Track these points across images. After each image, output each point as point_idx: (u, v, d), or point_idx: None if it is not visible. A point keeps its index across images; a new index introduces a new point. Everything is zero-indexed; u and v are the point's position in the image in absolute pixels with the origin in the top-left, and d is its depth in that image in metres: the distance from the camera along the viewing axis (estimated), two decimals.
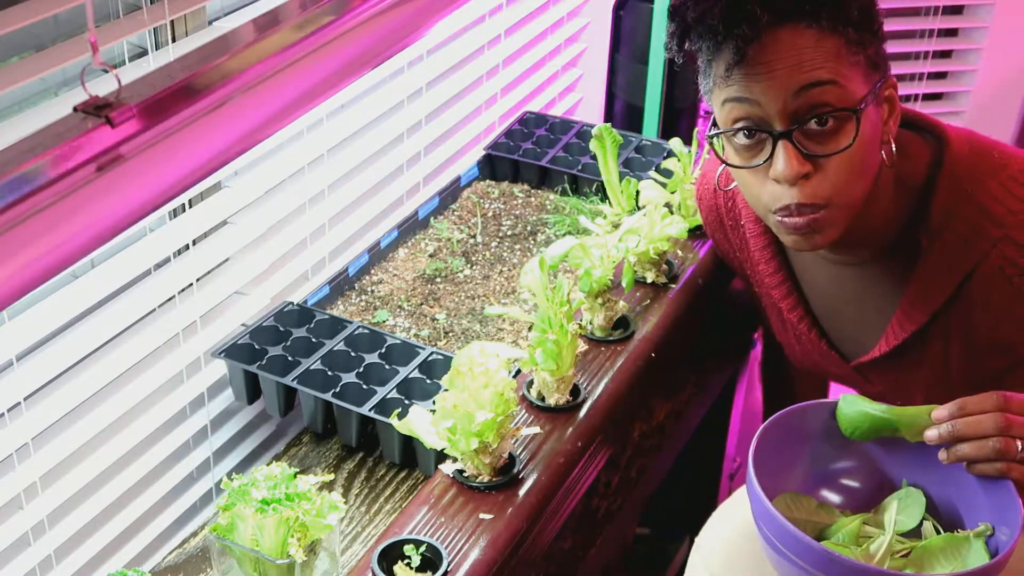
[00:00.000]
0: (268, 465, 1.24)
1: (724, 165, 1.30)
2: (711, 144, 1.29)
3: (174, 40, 1.43)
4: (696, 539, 1.35)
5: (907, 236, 1.34)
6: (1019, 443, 1.12)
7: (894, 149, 1.28)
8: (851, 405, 1.21)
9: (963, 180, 1.29)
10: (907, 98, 2.74)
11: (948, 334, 1.35)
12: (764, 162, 1.23)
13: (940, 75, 2.78)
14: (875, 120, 1.24)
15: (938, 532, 1.18)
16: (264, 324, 1.58)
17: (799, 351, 1.56)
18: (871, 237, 1.35)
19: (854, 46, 1.21)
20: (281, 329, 1.58)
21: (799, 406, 1.23)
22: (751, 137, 1.23)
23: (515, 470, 1.34)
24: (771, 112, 1.21)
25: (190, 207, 1.51)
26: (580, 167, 2.02)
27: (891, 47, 1.28)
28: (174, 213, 1.50)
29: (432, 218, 1.94)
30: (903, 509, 1.20)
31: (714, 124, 1.28)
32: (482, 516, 1.29)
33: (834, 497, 1.25)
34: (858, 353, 1.47)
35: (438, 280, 1.79)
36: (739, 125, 1.23)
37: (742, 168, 1.25)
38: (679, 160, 1.77)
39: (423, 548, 1.24)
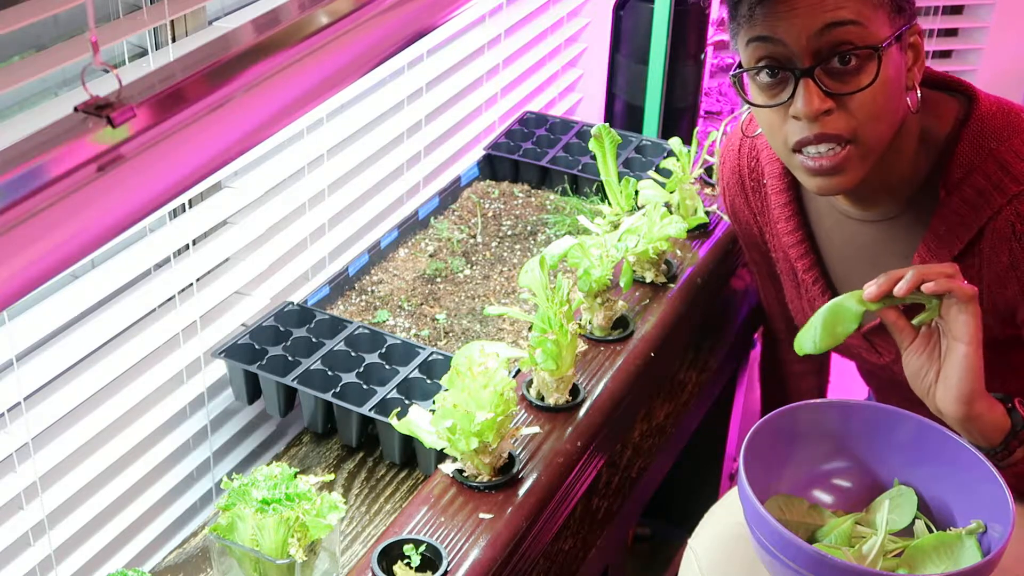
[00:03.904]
0: (268, 465, 1.25)
1: (747, 105, 1.31)
2: (733, 84, 1.31)
3: (174, 40, 1.44)
4: (689, 541, 1.35)
5: (928, 191, 1.34)
6: (966, 283, 1.17)
7: (919, 96, 1.29)
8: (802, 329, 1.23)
9: (988, 137, 1.30)
10: None
11: None
12: (786, 100, 1.24)
13: None
14: (899, 64, 1.25)
15: (930, 530, 1.18)
16: (264, 324, 1.58)
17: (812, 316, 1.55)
18: (893, 189, 1.36)
19: None
20: (281, 329, 1.58)
21: (789, 407, 1.23)
22: (774, 76, 1.25)
23: (515, 470, 1.34)
24: (794, 50, 1.22)
25: (190, 207, 1.51)
26: (580, 167, 2.02)
27: None
28: (174, 213, 1.50)
29: (432, 218, 1.94)
30: (895, 508, 1.20)
31: (739, 65, 1.29)
32: (482, 516, 1.29)
33: (826, 497, 1.25)
34: (869, 319, 1.46)
35: (438, 280, 1.80)
36: (762, 64, 1.25)
37: (764, 107, 1.27)
38: (678, 160, 1.77)
39: (423, 548, 1.24)
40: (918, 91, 1.29)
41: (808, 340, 1.23)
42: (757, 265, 1.66)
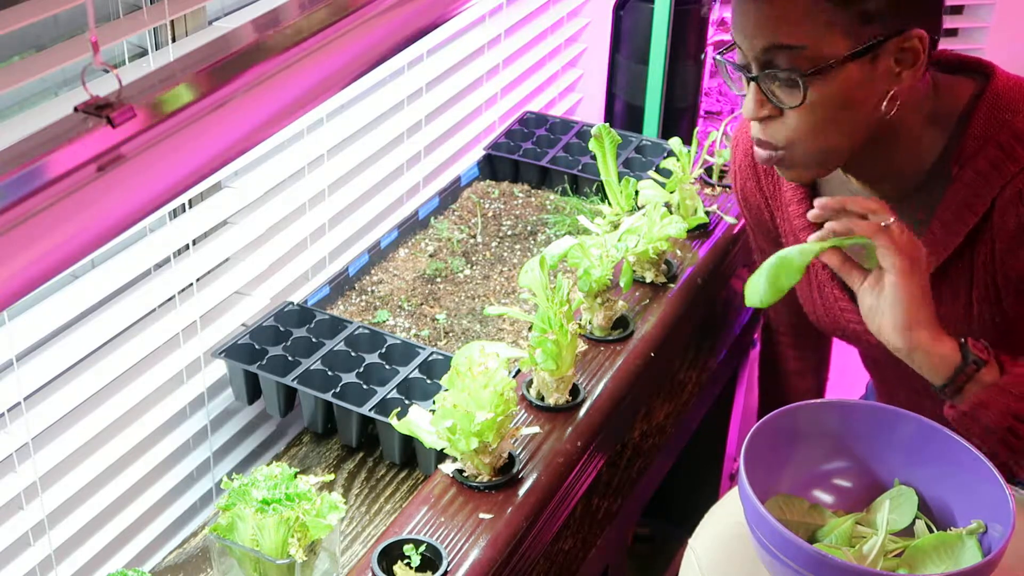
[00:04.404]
0: (268, 465, 1.25)
1: (730, 88, 1.36)
2: (716, 64, 1.35)
3: (174, 40, 1.44)
4: (690, 540, 1.35)
5: (942, 168, 1.34)
6: (894, 216, 1.21)
7: (897, 101, 1.28)
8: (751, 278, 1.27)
9: (1003, 109, 1.30)
10: None
11: (972, 268, 1.34)
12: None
13: None
14: (858, 79, 1.25)
15: (931, 530, 1.18)
16: (264, 324, 1.58)
17: (820, 305, 1.55)
18: (904, 171, 1.36)
19: (835, 3, 1.22)
20: (281, 329, 1.58)
21: (790, 407, 1.23)
22: (738, 72, 1.31)
23: (515, 470, 1.34)
24: (747, 58, 1.28)
25: (190, 207, 1.51)
26: (580, 167, 2.02)
27: None
28: (174, 213, 1.50)
29: (432, 218, 1.94)
30: (895, 508, 1.20)
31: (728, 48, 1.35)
32: (482, 516, 1.29)
33: (826, 497, 1.25)
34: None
35: (438, 280, 1.80)
36: (736, 62, 1.31)
37: (741, 95, 1.33)
38: (678, 160, 1.77)
39: (423, 548, 1.24)
40: (888, 103, 1.28)
41: (755, 293, 1.26)
42: (764, 254, 1.65)
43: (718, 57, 1.33)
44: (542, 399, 1.45)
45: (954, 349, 1.23)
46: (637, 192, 1.75)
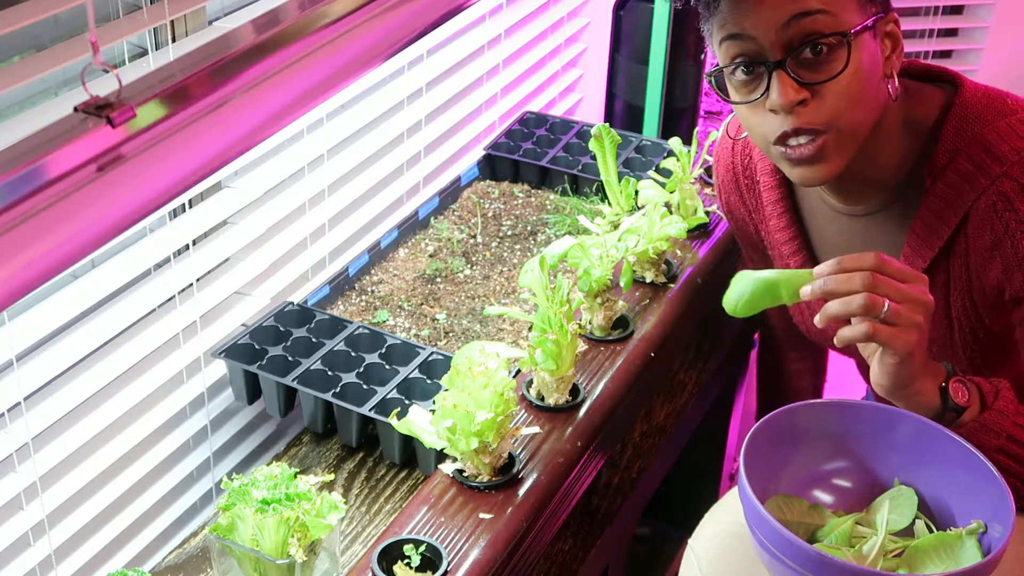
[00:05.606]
0: (268, 465, 1.25)
1: (726, 101, 1.32)
2: (710, 83, 1.32)
3: (174, 40, 1.44)
4: (689, 541, 1.35)
5: (916, 181, 1.34)
6: (887, 303, 1.16)
7: (898, 84, 1.29)
8: (740, 278, 1.24)
9: (972, 121, 1.30)
10: None
11: (949, 283, 1.34)
12: (762, 95, 1.25)
13: None
14: (873, 52, 1.26)
15: (931, 530, 1.18)
16: (264, 324, 1.58)
17: (808, 314, 1.55)
18: (879, 181, 1.36)
19: None
20: (281, 329, 1.58)
21: (790, 407, 1.23)
22: (749, 72, 1.26)
23: (515, 470, 1.34)
24: (764, 44, 1.23)
25: (190, 207, 1.51)
26: (580, 167, 2.02)
27: None
28: (174, 213, 1.50)
29: (432, 218, 1.94)
30: (895, 508, 1.20)
31: (716, 66, 1.30)
32: (482, 516, 1.29)
33: (826, 497, 1.25)
34: None
35: (438, 280, 1.80)
36: (737, 61, 1.26)
37: (742, 104, 1.28)
38: (678, 160, 1.77)
39: (423, 548, 1.24)
40: (896, 79, 1.29)
41: (732, 302, 1.24)
42: (755, 264, 1.66)
43: (710, 72, 1.30)
44: (542, 399, 1.45)
45: (934, 393, 1.22)
46: (637, 192, 1.76)
